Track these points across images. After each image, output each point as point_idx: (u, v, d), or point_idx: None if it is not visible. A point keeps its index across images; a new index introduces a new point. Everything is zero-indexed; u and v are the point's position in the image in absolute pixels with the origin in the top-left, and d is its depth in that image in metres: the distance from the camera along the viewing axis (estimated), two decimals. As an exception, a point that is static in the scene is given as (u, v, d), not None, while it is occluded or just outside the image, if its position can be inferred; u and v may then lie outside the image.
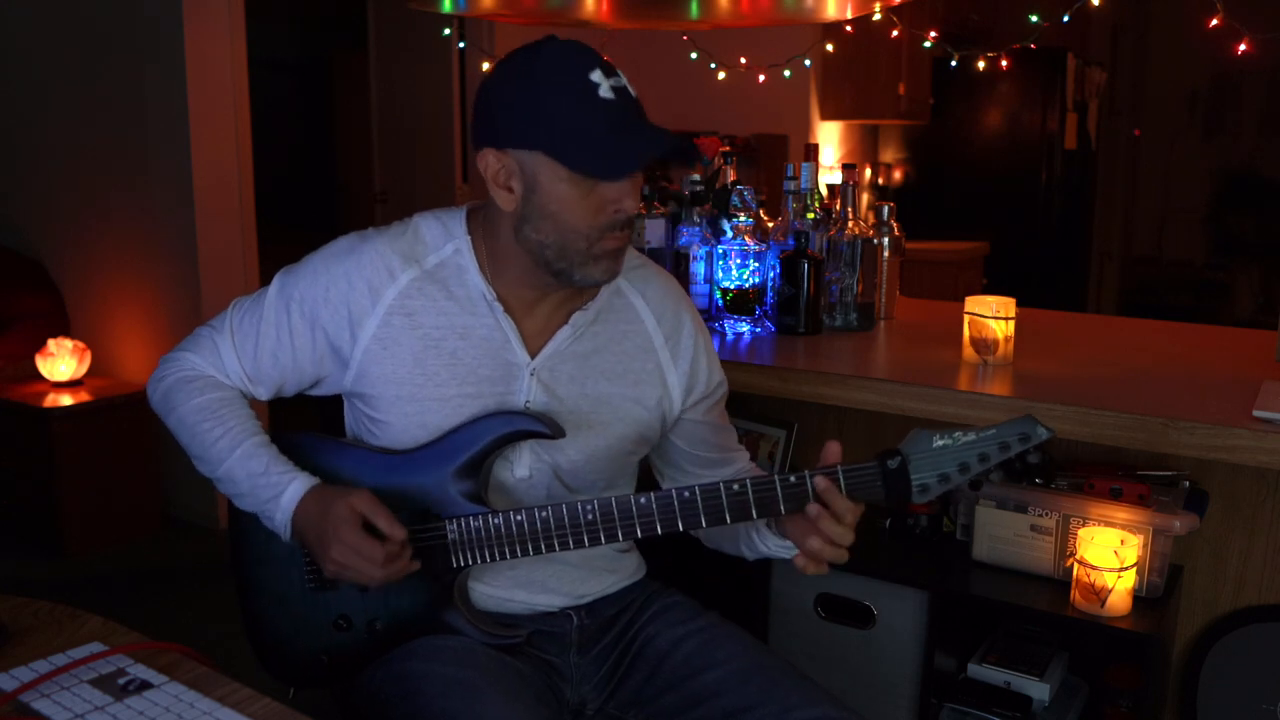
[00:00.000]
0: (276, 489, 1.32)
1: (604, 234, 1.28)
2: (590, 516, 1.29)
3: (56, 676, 1.09)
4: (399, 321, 1.34)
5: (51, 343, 3.79)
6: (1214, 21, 2.45)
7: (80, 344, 3.83)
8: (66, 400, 3.67)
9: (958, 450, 1.22)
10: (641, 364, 1.42)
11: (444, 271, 1.36)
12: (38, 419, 3.61)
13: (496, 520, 1.31)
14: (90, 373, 3.85)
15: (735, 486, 1.26)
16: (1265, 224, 7.05)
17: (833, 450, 1.27)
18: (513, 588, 1.42)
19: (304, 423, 1.59)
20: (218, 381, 1.40)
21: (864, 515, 1.27)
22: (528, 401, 1.36)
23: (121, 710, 1.04)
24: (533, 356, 1.37)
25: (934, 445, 1.23)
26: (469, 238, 1.37)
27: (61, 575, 3.53)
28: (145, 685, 1.09)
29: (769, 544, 1.39)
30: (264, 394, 1.42)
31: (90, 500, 3.69)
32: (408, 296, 1.35)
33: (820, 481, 1.24)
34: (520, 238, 1.30)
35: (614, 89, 1.24)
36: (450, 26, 4.62)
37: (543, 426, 1.32)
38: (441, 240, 1.37)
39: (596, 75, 1.23)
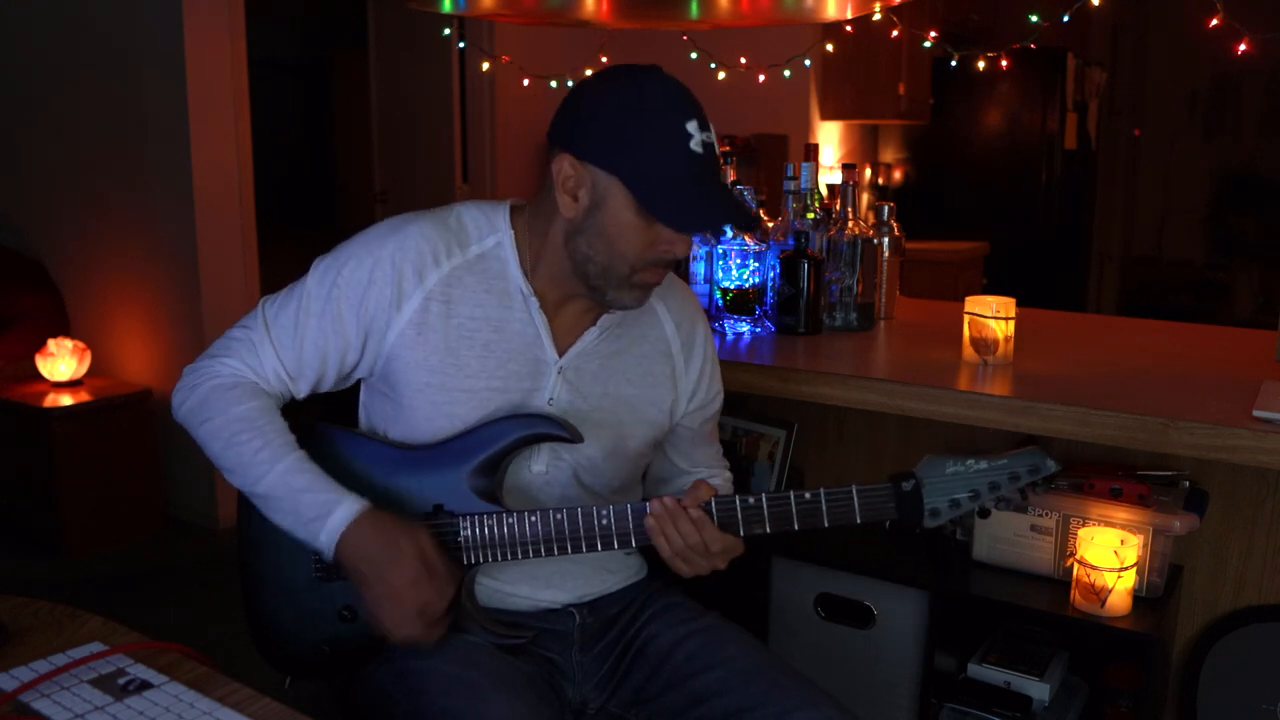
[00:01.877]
0: (326, 508, 1.28)
1: (648, 266, 1.30)
2: (605, 521, 1.30)
3: (56, 676, 1.09)
4: (436, 308, 1.34)
5: (51, 343, 3.79)
6: (1214, 21, 2.45)
7: (80, 344, 3.83)
8: (66, 400, 3.67)
9: (970, 477, 1.26)
10: (661, 367, 1.44)
11: (484, 263, 1.36)
12: (38, 419, 3.61)
13: (510, 520, 1.31)
14: (90, 373, 3.85)
15: (751, 500, 1.28)
16: (1265, 224, 7.05)
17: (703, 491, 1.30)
18: (517, 582, 1.42)
19: (311, 413, 1.56)
20: (256, 389, 1.35)
21: None
22: (551, 399, 1.37)
23: (121, 710, 1.04)
24: (560, 355, 1.37)
25: (947, 471, 1.26)
26: (511, 232, 1.37)
27: (61, 575, 3.53)
28: (145, 685, 1.09)
29: None
30: (303, 390, 1.38)
31: (90, 500, 3.68)
32: (448, 284, 1.35)
33: (832, 497, 1.26)
34: (569, 245, 1.32)
35: (704, 144, 1.26)
36: (450, 26, 4.62)
37: (563, 431, 1.33)
38: (485, 231, 1.38)
39: (692, 126, 1.25)
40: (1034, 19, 2.76)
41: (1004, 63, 2.96)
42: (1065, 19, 2.69)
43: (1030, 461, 1.25)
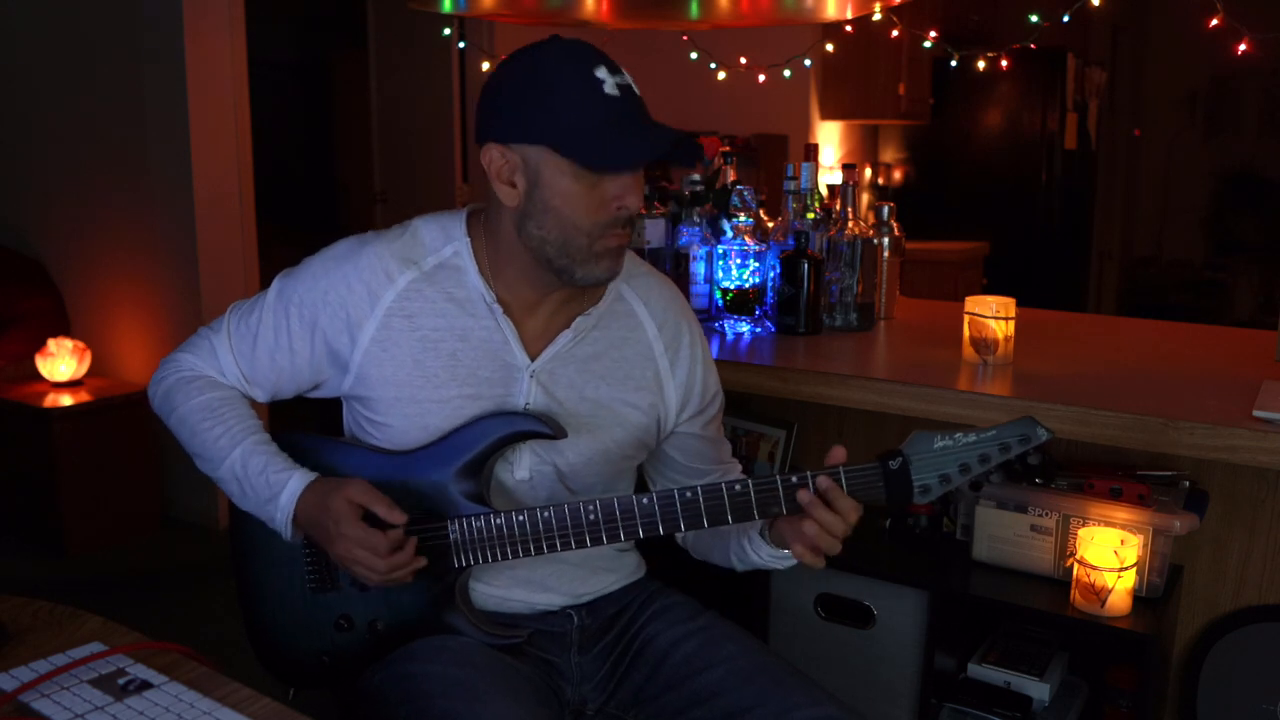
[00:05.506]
0: (274, 488, 1.32)
1: (606, 231, 1.28)
2: (592, 516, 1.29)
3: (56, 676, 1.09)
4: (398, 324, 1.34)
5: (51, 343, 3.79)
6: (1214, 21, 2.45)
7: (80, 344, 3.83)
8: (66, 400, 3.67)
9: (959, 451, 1.23)
10: (641, 370, 1.42)
11: (442, 273, 1.36)
12: (38, 419, 3.61)
13: (499, 520, 1.31)
14: (90, 373, 3.85)
15: (737, 486, 1.26)
16: (1265, 224, 7.05)
17: (837, 453, 1.28)
18: (512, 586, 1.42)
19: (301, 423, 1.59)
20: (217, 381, 1.41)
21: (864, 515, 1.27)
22: (527, 404, 1.36)
23: (121, 710, 1.04)
24: (533, 359, 1.37)
25: (935, 446, 1.24)
26: (468, 240, 1.37)
27: (61, 575, 3.53)
28: (145, 685, 1.09)
29: (762, 553, 1.39)
30: (261, 396, 1.43)
31: (90, 500, 3.68)
32: (406, 299, 1.35)
33: (823, 481, 1.24)
34: (523, 234, 1.30)
35: (618, 86, 1.25)
36: (450, 26, 4.62)
37: (544, 427, 1.32)
38: (440, 242, 1.37)
39: (601, 72, 1.25)
40: (1034, 19, 2.77)
41: (1004, 63, 2.96)
42: (1065, 19, 2.69)
43: (1020, 431, 1.22)
